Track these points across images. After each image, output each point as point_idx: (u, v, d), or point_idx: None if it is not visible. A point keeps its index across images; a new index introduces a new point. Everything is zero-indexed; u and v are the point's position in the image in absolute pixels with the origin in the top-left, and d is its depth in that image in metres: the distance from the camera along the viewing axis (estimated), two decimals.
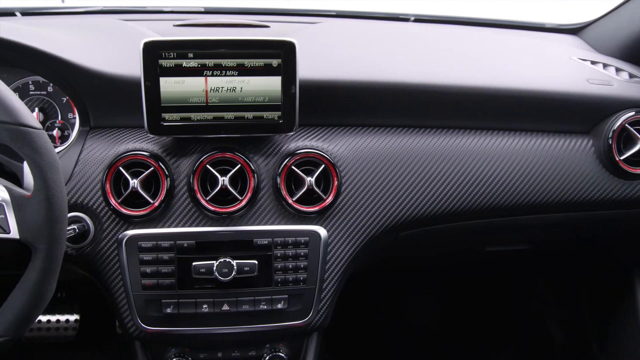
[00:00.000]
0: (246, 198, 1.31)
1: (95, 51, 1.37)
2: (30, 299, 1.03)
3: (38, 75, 1.38)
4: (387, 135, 1.43)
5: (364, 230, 1.40)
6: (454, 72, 1.50)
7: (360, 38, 1.70)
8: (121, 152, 1.31)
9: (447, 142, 1.44)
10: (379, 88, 1.40)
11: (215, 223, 1.33)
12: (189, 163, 1.32)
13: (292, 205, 1.33)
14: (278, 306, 1.34)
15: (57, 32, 1.44)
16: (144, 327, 1.34)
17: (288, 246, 1.33)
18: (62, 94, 1.39)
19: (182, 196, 1.33)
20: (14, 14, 1.78)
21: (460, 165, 1.43)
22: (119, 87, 1.30)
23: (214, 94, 1.26)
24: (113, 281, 1.34)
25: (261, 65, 1.25)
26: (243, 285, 1.33)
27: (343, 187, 1.37)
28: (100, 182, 1.30)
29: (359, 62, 1.48)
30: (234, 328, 1.36)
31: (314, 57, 1.42)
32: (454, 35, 1.86)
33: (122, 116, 1.35)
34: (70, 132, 1.41)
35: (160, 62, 1.22)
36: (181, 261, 1.31)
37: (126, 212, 1.29)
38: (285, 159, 1.34)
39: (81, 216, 1.31)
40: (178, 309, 1.32)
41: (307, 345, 1.48)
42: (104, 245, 1.32)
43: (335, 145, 1.39)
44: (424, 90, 1.42)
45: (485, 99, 1.45)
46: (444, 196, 1.43)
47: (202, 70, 1.24)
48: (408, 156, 1.42)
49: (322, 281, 1.37)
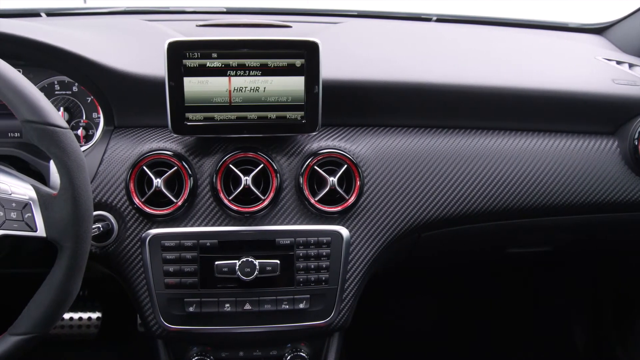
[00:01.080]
0: (269, 198, 1.32)
1: (119, 51, 1.38)
2: (56, 297, 1.04)
3: (64, 75, 1.39)
4: (409, 136, 1.42)
5: (386, 230, 1.39)
6: (477, 72, 1.49)
7: (382, 38, 1.70)
8: (145, 151, 1.32)
9: (470, 142, 1.43)
10: (401, 88, 1.40)
11: (237, 223, 1.34)
12: (212, 163, 1.33)
13: (314, 205, 1.33)
14: (300, 306, 1.35)
15: (82, 33, 1.46)
16: (167, 325, 1.34)
17: (310, 246, 1.33)
18: (86, 94, 1.40)
19: (205, 195, 1.33)
20: (39, 15, 1.80)
21: (483, 166, 1.42)
22: (143, 87, 1.31)
23: (238, 93, 1.26)
24: (136, 280, 1.35)
25: (284, 65, 1.25)
26: (265, 284, 1.33)
27: (365, 187, 1.37)
28: (124, 181, 1.31)
29: (381, 62, 1.48)
30: (255, 327, 1.37)
31: (336, 57, 1.41)
32: (476, 35, 1.85)
33: (146, 116, 1.36)
34: (94, 131, 1.42)
35: (185, 62, 1.23)
36: (204, 260, 1.31)
37: (149, 211, 1.30)
38: (308, 158, 1.34)
39: (105, 215, 1.32)
40: (200, 307, 1.32)
41: (328, 345, 1.48)
42: (127, 243, 1.33)
43: (358, 146, 1.38)
44: (447, 90, 1.42)
45: (508, 99, 1.44)
46: (467, 197, 1.42)
47: (226, 70, 1.25)
48: (431, 156, 1.41)
49: (344, 281, 1.37)
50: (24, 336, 1.04)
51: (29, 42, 1.25)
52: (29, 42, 1.25)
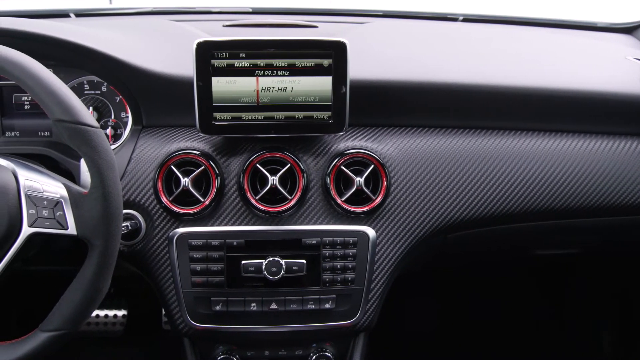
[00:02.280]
0: (295, 197, 1.32)
1: (148, 51, 1.40)
2: (86, 294, 1.05)
3: (93, 75, 1.40)
4: (436, 136, 1.41)
5: (412, 231, 1.39)
6: (505, 72, 1.48)
7: (409, 38, 1.69)
8: (173, 150, 1.32)
9: (497, 143, 1.42)
10: (429, 88, 1.39)
11: (264, 222, 1.34)
12: (239, 162, 1.34)
13: (340, 205, 1.33)
14: (326, 306, 1.34)
15: (111, 33, 1.48)
16: (193, 324, 1.35)
17: (336, 246, 1.33)
18: (115, 94, 1.41)
19: (232, 195, 1.34)
20: (68, 16, 1.83)
21: (510, 167, 1.41)
22: (172, 87, 1.32)
23: (265, 93, 1.27)
24: (163, 278, 1.36)
25: (312, 65, 1.25)
26: (291, 284, 1.33)
27: (392, 187, 1.37)
28: (152, 180, 1.32)
29: (408, 62, 1.48)
30: (281, 327, 1.37)
31: (363, 57, 1.41)
32: (503, 34, 1.84)
33: (173, 115, 1.37)
34: (122, 130, 1.43)
35: (213, 62, 1.24)
36: (230, 259, 1.32)
37: (177, 210, 1.31)
38: (335, 159, 1.34)
39: (133, 213, 1.33)
40: (227, 306, 1.33)
41: (353, 346, 1.47)
42: (155, 242, 1.34)
43: (385, 146, 1.38)
44: (475, 90, 1.41)
45: (537, 99, 1.43)
46: (495, 198, 1.41)
47: (254, 70, 1.25)
48: (458, 157, 1.40)
49: (370, 282, 1.37)
50: (55, 332, 1.06)
51: (60, 42, 1.27)
52: (60, 43, 1.27)
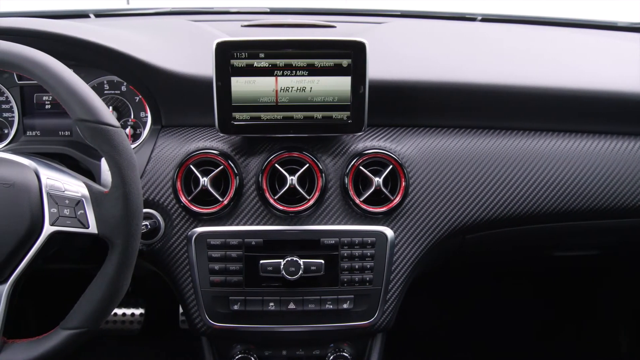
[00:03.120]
0: (314, 197, 1.32)
1: (167, 51, 1.40)
2: (107, 292, 1.06)
3: (113, 75, 1.41)
4: (455, 137, 1.41)
5: (430, 232, 1.38)
6: (525, 72, 1.47)
7: (427, 38, 1.69)
8: (192, 150, 1.33)
9: (517, 144, 1.41)
10: (447, 89, 1.38)
11: (282, 222, 1.34)
12: (258, 162, 1.34)
13: (359, 206, 1.33)
14: (344, 306, 1.34)
15: (131, 33, 1.49)
16: (211, 323, 1.36)
17: (355, 246, 1.33)
18: (135, 93, 1.42)
19: (250, 194, 1.34)
20: (88, 16, 1.84)
21: (530, 168, 1.40)
22: (191, 87, 1.33)
23: (284, 93, 1.27)
24: (182, 277, 1.36)
25: (331, 65, 1.25)
26: (309, 284, 1.33)
27: (410, 187, 1.36)
28: (171, 179, 1.32)
29: (427, 62, 1.47)
30: (299, 327, 1.37)
31: (382, 57, 1.41)
32: (522, 34, 1.83)
33: (192, 115, 1.38)
34: (142, 130, 1.44)
35: (232, 62, 1.24)
36: (249, 259, 1.32)
37: (196, 210, 1.32)
38: (353, 159, 1.34)
39: (152, 213, 1.34)
40: (245, 306, 1.33)
41: (371, 346, 1.47)
42: (173, 241, 1.35)
43: (403, 146, 1.38)
44: (494, 91, 1.40)
45: (556, 100, 1.41)
46: (514, 199, 1.40)
47: (273, 70, 1.25)
48: (477, 158, 1.39)
49: (388, 282, 1.37)
50: (76, 330, 1.06)
51: (81, 42, 1.28)
52: (81, 43, 1.28)
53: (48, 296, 2.05)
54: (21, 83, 1.43)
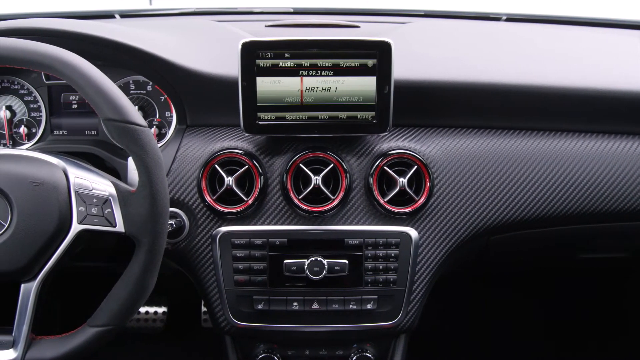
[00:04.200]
0: (338, 197, 1.32)
1: (193, 52, 1.41)
2: (133, 290, 1.07)
3: (140, 75, 1.42)
4: (480, 137, 1.40)
5: (455, 233, 1.37)
6: (551, 72, 1.45)
7: (451, 38, 1.68)
8: (217, 150, 1.34)
9: (543, 144, 1.40)
10: (473, 89, 1.38)
11: (306, 222, 1.34)
12: (283, 162, 1.34)
13: (383, 206, 1.33)
14: (367, 306, 1.34)
15: (156, 33, 1.50)
16: (235, 322, 1.36)
17: (379, 247, 1.33)
18: (160, 93, 1.43)
19: (275, 194, 1.34)
20: (113, 16, 1.86)
21: (557, 169, 1.38)
22: (217, 87, 1.33)
23: (309, 93, 1.27)
24: (206, 276, 1.37)
25: (356, 65, 1.25)
26: (333, 284, 1.33)
27: (435, 188, 1.36)
28: (196, 179, 1.33)
29: (452, 62, 1.46)
30: (322, 327, 1.37)
31: (406, 57, 1.40)
32: (548, 34, 1.81)
33: (218, 115, 1.38)
34: (167, 130, 1.45)
35: (258, 62, 1.24)
36: (273, 258, 1.32)
37: (221, 209, 1.32)
38: (378, 159, 1.33)
39: (177, 212, 1.35)
40: (269, 305, 1.34)
41: (394, 347, 1.47)
42: (198, 240, 1.36)
43: (428, 146, 1.37)
44: (520, 91, 1.39)
45: (584, 100, 1.40)
46: (539, 200, 1.38)
47: (298, 70, 1.25)
48: (502, 158, 1.38)
49: (412, 283, 1.36)
50: (103, 328, 1.08)
51: (109, 42, 1.29)
52: (109, 43, 1.29)
53: (72, 294, 2.07)
54: (49, 83, 1.45)
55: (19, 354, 1.07)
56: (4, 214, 1.03)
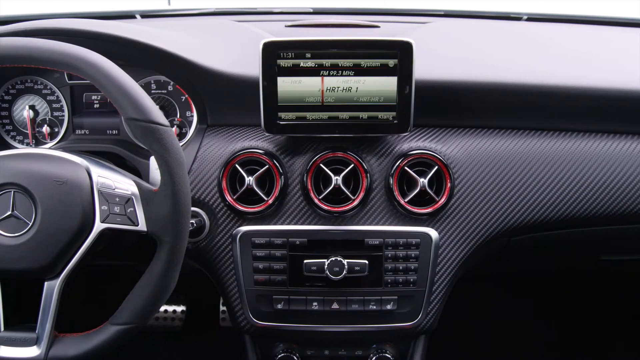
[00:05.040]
0: (358, 198, 1.32)
1: (214, 51, 1.42)
2: (155, 289, 1.08)
3: (161, 75, 1.43)
4: (502, 138, 1.39)
5: (476, 233, 1.37)
6: (572, 72, 1.45)
7: (472, 38, 1.67)
8: (237, 149, 1.34)
9: (565, 145, 1.39)
10: (494, 89, 1.37)
11: (326, 222, 1.34)
12: (303, 162, 1.34)
13: (404, 206, 1.32)
14: (387, 307, 1.34)
15: (178, 33, 1.51)
16: (255, 321, 1.37)
17: (399, 247, 1.33)
18: (181, 93, 1.44)
19: (295, 194, 1.35)
20: (134, 17, 1.87)
21: (579, 170, 1.37)
22: (237, 87, 1.34)
23: (330, 93, 1.27)
24: (226, 276, 1.37)
25: (377, 65, 1.25)
26: (353, 284, 1.33)
27: (456, 189, 1.35)
28: (217, 178, 1.34)
29: (473, 63, 1.46)
30: (342, 327, 1.37)
31: (427, 57, 1.39)
32: (569, 34, 1.80)
33: (238, 114, 1.39)
34: (187, 129, 1.46)
35: (279, 62, 1.24)
36: (293, 258, 1.32)
37: (241, 209, 1.33)
38: (398, 159, 1.33)
39: (198, 211, 1.35)
40: (289, 305, 1.34)
41: (414, 348, 1.47)
42: (218, 240, 1.36)
43: (449, 147, 1.37)
44: (541, 91, 1.37)
45: (606, 100, 1.38)
46: (561, 201, 1.37)
47: (319, 70, 1.25)
48: (523, 159, 1.37)
49: (432, 284, 1.36)
50: (125, 326, 1.08)
51: (133, 43, 1.30)
52: (133, 44, 1.30)
53: (90, 292, 2.09)
54: (71, 83, 1.46)
55: (42, 350, 1.08)
56: (28, 212, 1.05)
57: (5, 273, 1.07)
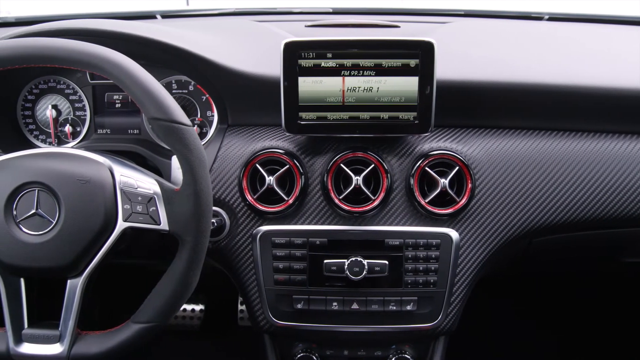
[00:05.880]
0: (379, 198, 1.31)
1: (235, 51, 1.42)
2: (177, 288, 1.08)
3: (182, 75, 1.44)
4: (523, 138, 1.38)
5: (496, 234, 1.36)
6: (596, 72, 1.43)
7: (493, 38, 1.66)
8: (258, 149, 1.34)
9: (587, 146, 1.38)
10: (516, 89, 1.36)
11: (346, 222, 1.34)
12: (323, 162, 1.34)
13: (424, 207, 1.32)
14: (407, 308, 1.34)
15: (198, 34, 1.51)
16: (275, 321, 1.37)
17: (419, 248, 1.32)
18: (202, 93, 1.44)
19: (315, 194, 1.35)
20: (154, 17, 1.88)
21: (602, 171, 1.36)
22: (258, 86, 1.34)
23: (351, 93, 1.27)
24: (246, 275, 1.38)
25: (399, 65, 1.25)
26: (373, 285, 1.33)
27: (477, 189, 1.34)
28: (237, 178, 1.34)
29: (494, 63, 1.45)
30: (362, 327, 1.37)
31: (448, 57, 1.39)
32: (591, 33, 1.78)
33: (259, 114, 1.39)
34: (208, 129, 1.46)
35: (300, 62, 1.25)
36: (313, 258, 1.33)
37: (261, 208, 1.33)
38: (419, 160, 1.32)
39: (218, 211, 1.36)
40: (309, 305, 1.34)
41: (433, 349, 1.46)
42: (238, 239, 1.37)
43: (470, 147, 1.36)
44: (564, 91, 1.36)
45: (630, 101, 1.37)
46: (584, 202, 1.36)
47: (340, 70, 1.25)
48: (545, 160, 1.36)
49: (453, 285, 1.35)
50: (146, 325, 1.09)
51: (156, 43, 1.31)
52: (156, 44, 1.31)
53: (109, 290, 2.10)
54: (93, 82, 1.47)
55: (65, 348, 1.09)
56: (52, 211, 1.06)
57: (29, 271, 1.09)
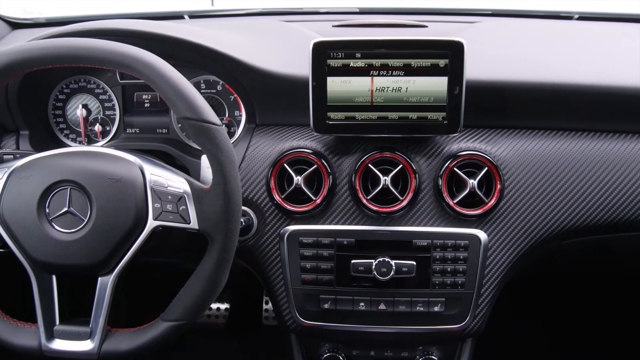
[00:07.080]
0: (407, 198, 1.31)
1: (263, 51, 1.42)
2: (206, 286, 1.09)
3: (211, 75, 1.44)
4: (553, 139, 1.37)
5: (525, 236, 1.35)
6: (626, 72, 1.41)
7: (522, 37, 1.64)
8: (286, 149, 1.34)
9: (619, 147, 1.36)
10: (546, 89, 1.34)
11: (374, 222, 1.34)
12: (351, 162, 1.34)
13: (452, 208, 1.31)
14: (435, 309, 1.33)
15: (227, 33, 1.52)
16: (301, 320, 1.37)
17: (447, 249, 1.31)
18: (230, 92, 1.45)
19: (343, 194, 1.34)
20: (182, 17, 1.89)
21: (634, 172, 1.34)
22: (287, 86, 1.34)
23: (379, 93, 1.26)
24: (273, 274, 1.38)
25: (428, 65, 1.24)
26: (400, 285, 1.33)
27: (506, 190, 1.33)
28: (265, 177, 1.34)
29: (524, 63, 1.43)
30: (388, 328, 1.37)
31: (477, 57, 1.38)
32: (622, 33, 1.75)
33: (287, 114, 1.39)
34: (235, 129, 1.47)
35: (329, 62, 1.25)
36: (340, 258, 1.32)
37: (289, 208, 1.33)
38: (448, 160, 1.32)
39: (246, 210, 1.37)
40: (336, 305, 1.34)
41: (460, 350, 1.45)
42: (266, 239, 1.37)
43: (499, 148, 1.35)
44: (595, 92, 1.34)
45: None
46: (615, 204, 1.34)
47: (369, 70, 1.25)
48: (576, 161, 1.35)
49: (481, 286, 1.34)
50: (176, 322, 1.10)
51: (186, 43, 1.32)
52: (186, 44, 1.32)
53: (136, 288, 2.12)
54: (123, 82, 1.48)
55: (96, 344, 1.10)
56: (84, 209, 1.07)
57: (60, 268, 1.10)
